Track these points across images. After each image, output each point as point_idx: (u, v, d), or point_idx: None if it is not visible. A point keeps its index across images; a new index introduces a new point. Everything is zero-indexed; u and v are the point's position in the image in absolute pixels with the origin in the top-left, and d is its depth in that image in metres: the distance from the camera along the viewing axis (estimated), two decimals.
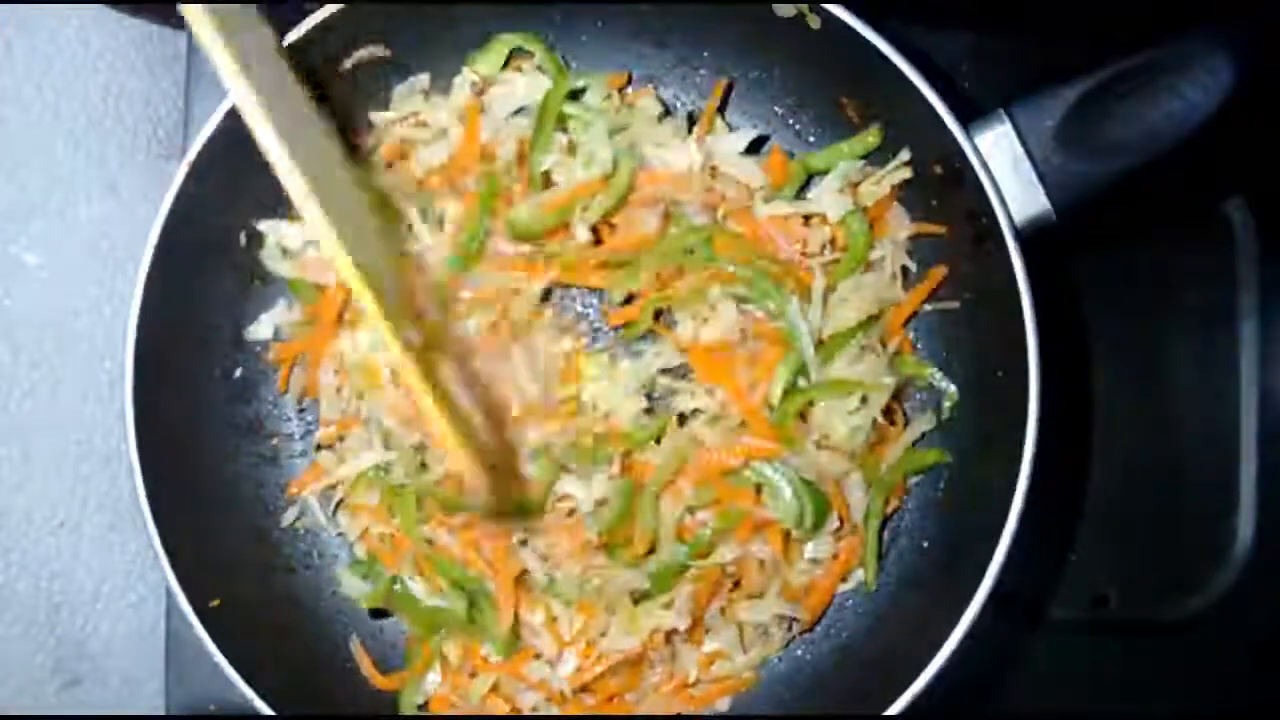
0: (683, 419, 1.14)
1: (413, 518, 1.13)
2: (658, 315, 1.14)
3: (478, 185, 1.13)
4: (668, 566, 1.09)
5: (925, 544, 1.18)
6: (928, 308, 1.17)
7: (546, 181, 1.14)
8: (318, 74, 1.13)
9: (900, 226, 1.15)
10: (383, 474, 1.15)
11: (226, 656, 1.05)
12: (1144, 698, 1.31)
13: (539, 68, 1.16)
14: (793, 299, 1.08)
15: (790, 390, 1.10)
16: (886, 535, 1.18)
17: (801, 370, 1.09)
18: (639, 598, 1.11)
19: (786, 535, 1.12)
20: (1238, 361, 1.31)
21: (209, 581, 1.08)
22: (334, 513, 1.21)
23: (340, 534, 1.21)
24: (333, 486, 1.19)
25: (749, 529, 1.10)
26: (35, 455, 1.25)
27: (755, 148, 1.18)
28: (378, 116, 1.18)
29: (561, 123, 1.15)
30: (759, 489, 1.11)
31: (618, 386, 1.11)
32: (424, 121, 1.18)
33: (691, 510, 1.11)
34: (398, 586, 1.16)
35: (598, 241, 1.15)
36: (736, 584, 1.13)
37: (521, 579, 1.13)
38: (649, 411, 1.14)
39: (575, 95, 1.16)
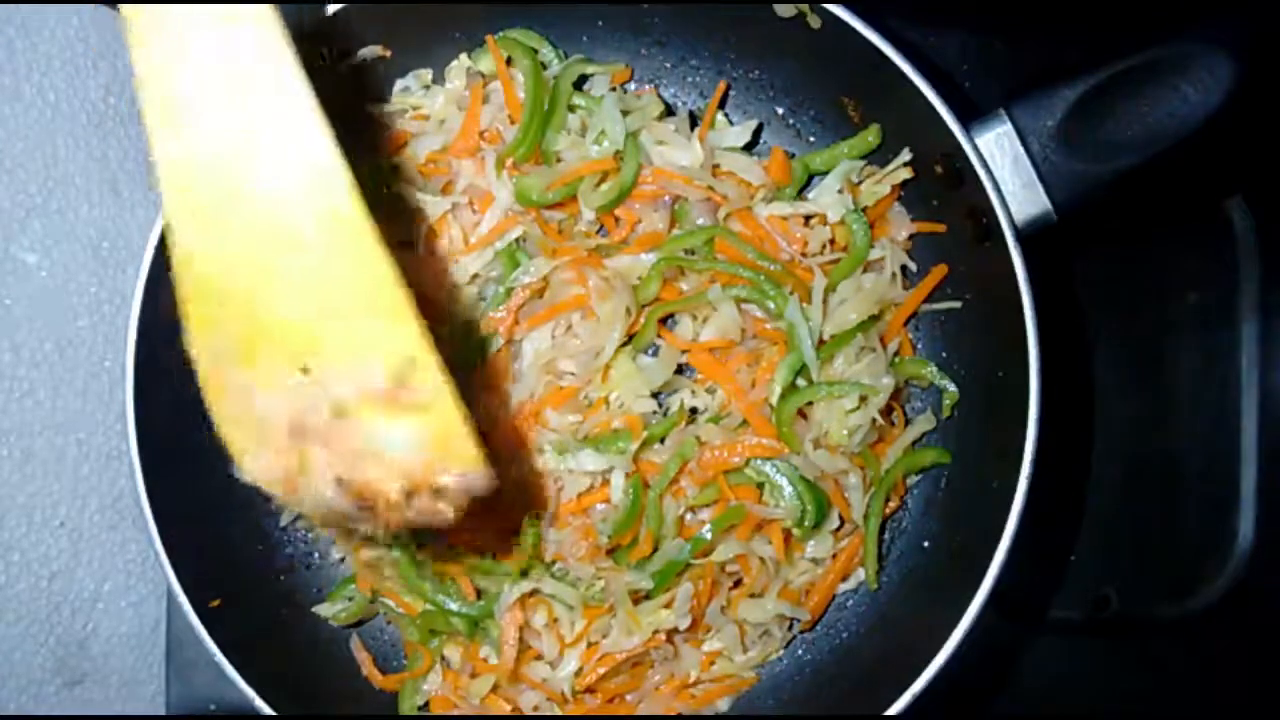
0: (688, 417, 1.14)
1: (411, 568, 1.13)
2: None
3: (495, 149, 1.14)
4: (670, 564, 1.09)
5: (925, 544, 1.18)
6: (928, 308, 1.17)
7: (557, 162, 1.15)
8: (318, 73, 1.14)
9: (900, 226, 1.15)
10: None
11: (226, 656, 1.05)
12: (1144, 698, 1.31)
13: (542, 64, 1.16)
14: (793, 299, 1.09)
15: (790, 390, 1.10)
16: (886, 535, 1.18)
17: (802, 370, 1.09)
18: (640, 598, 1.11)
19: (787, 535, 1.12)
20: (1238, 361, 1.31)
21: (209, 581, 1.08)
22: None
23: (334, 542, 1.21)
24: None
25: (750, 526, 1.10)
26: (35, 455, 1.25)
27: (756, 145, 1.19)
28: (378, 109, 1.18)
29: (571, 110, 1.15)
30: (760, 487, 1.11)
31: (636, 384, 1.11)
32: (424, 115, 1.18)
33: (693, 509, 1.11)
34: (379, 605, 1.17)
35: (600, 230, 1.16)
36: (737, 583, 1.13)
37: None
38: (654, 411, 1.14)
39: (579, 85, 1.16)
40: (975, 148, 1.02)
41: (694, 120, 1.18)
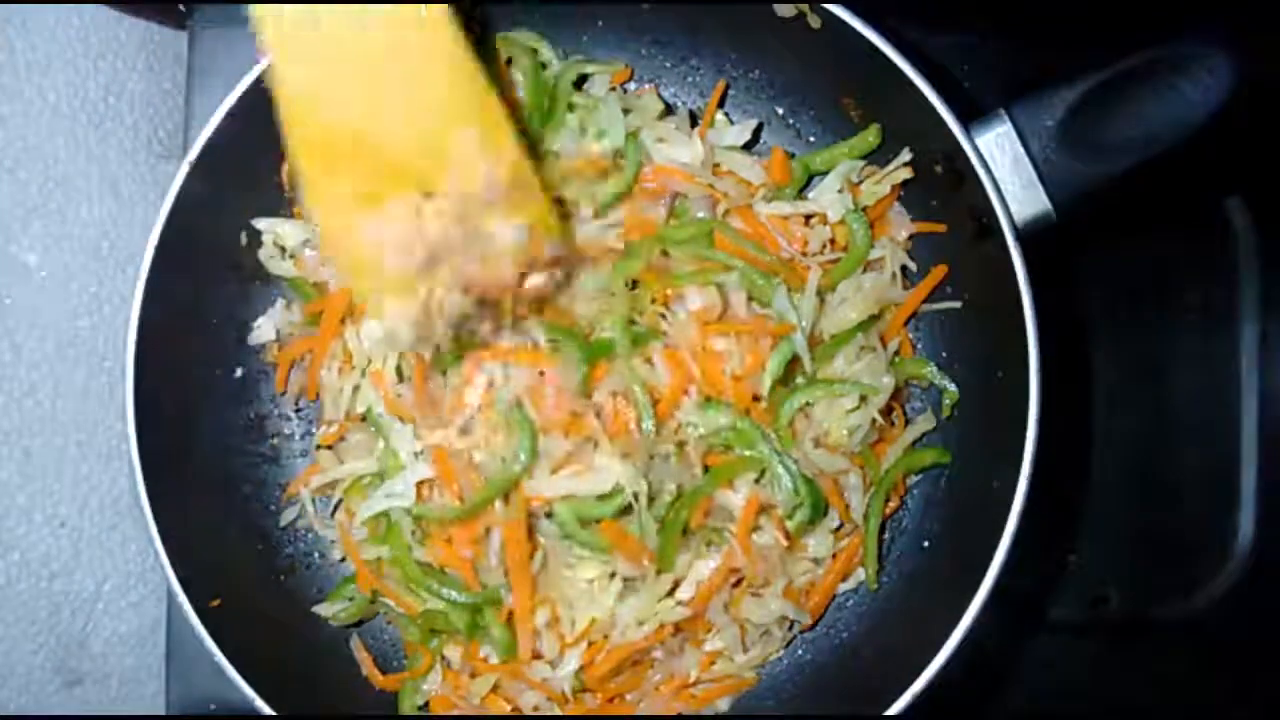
0: None
1: (404, 544, 1.11)
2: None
3: None
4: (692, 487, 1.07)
5: (925, 544, 1.18)
6: (928, 308, 1.17)
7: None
8: None
9: (900, 226, 1.15)
10: (376, 482, 1.14)
11: (226, 656, 1.05)
12: (1144, 698, 1.31)
13: (542, 64, 1.16)
14: (780, 288, 1.07)
15: (790, 387, 1.10)
16: (887, 535, 1.18)
17: (800, 367, 1.09)
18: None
19: (787, 534, 1.11)
20: (1238, 361, 1.31)
21: (209, 581, 1.08)
22: (332, 514, 1.20)
23: (334, 542, 1.21)
24: (331, 486, 1.19)
25: (751, 510, 1.09)
26: (35, 455, 1.25)
27: (756, 145, 1.18)
28: None
29: (571, 110, 1.15)
30: (762, 474, 1.10)
31: None
32: None
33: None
34: (379, 605, 1.16)
35: None
36: (738, 582, 1.13)
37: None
38: None
39: (579, 85, 1.16)
40: (975, 148, 1.02)
41: (694, 119, 1.18)
